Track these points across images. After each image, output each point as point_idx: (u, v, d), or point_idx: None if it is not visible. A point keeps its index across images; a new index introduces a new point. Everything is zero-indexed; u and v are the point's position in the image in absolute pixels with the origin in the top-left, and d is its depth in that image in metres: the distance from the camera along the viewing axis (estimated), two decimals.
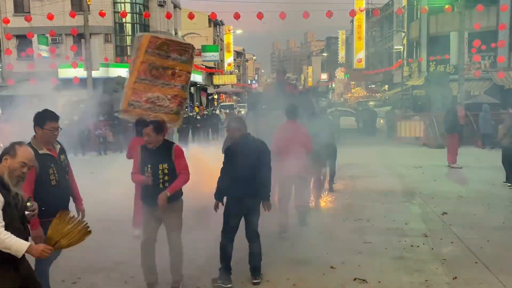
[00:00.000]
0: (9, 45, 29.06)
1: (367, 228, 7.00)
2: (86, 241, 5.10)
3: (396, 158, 14.46)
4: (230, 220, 4.93)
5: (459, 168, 12.27)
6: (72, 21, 23.48)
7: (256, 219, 5.07)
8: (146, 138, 4.63)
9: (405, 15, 36.44)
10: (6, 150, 3.17)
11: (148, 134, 4.61)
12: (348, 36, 65.44)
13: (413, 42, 35.93)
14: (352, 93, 57.62)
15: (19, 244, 3.01)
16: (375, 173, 11.94)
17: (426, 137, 18.33)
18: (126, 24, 33.05)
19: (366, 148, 17.78)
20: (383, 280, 5.03)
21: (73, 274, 5.15)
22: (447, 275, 5.14)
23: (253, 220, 5.03)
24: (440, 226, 7.07)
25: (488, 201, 8.56)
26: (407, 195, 9.30)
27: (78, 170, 4.97)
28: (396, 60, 42.08)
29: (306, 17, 19.25)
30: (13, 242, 2.98)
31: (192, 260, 5.65)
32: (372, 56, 56.27)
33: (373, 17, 50.43)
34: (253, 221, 5.03)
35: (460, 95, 21.02)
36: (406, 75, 35.99)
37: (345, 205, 8.46)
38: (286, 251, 5.98)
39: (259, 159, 4.94)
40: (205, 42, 49.74)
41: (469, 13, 24.38)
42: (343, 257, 5.72)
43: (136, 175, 4.83)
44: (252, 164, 4.84)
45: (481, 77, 25.88)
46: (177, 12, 42.33)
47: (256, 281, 4.98)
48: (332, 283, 4.98)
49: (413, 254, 5.81)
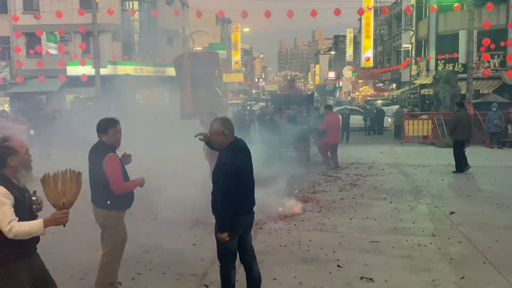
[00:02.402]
0: (18, 42, 29.29)
1: (374, 227, 6.99)
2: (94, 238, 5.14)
3: (403, 157, 14.39)
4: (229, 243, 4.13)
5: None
6: (80, 19, 23.61)
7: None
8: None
9: (414, 13, 36.22)
10: (5, 152, 3.17)
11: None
12: (356, 35, 65.13)
13: (422, 40, 35.72)
14: (360, 92, 57.41)
15: (35, 225, 3.07)
16: (383, 172, 11.90)
17: (434, 136, 18.24)
18: (134, 22, 33.16)
19: (373, 147, 17.75)
20: (390, 279, 5.01)
21: (81, 270, 5.19)
22: (455, 274, 5.12)
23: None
24: (448, 225, 7.04)
25: (497, 200, 8.50)
26: (414, 194, 9.26)
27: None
28: (404, 58, 41.87)
29: (314, 15, 19.22)
30: (30, 226, 3.05)
31: (198, 257, 5.69)
32: (380, 54, 56.03)
33: (381, 15, 50.19)
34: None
35: (468, 94, 20.88)
36: (414, 74, 35.79)
37: (352, 204, 8.45)
38: (293, 250, 5.99)
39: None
40: (212, 40, 49.82)
41: (479, 12, 24.22)
42: (350, 255, 5.72)
43: (130, 182, 4.52)
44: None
45: (490, 76, 25.67)
46: (185, 10, 42.41)
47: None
48: (339, 281, 4.98)
49: (420, 254, 5.79)
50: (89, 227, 6.83)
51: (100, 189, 4.34)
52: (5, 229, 3.00)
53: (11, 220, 3.01)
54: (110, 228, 4.43)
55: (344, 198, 8.92)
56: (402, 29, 40.65)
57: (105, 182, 4.29)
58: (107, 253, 4.45)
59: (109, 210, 4.39)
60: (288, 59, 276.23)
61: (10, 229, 3.00)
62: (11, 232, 3.00)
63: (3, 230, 3.01)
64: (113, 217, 4.42)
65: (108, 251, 4.45)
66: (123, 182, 4.38)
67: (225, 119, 4.26)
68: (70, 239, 5.91)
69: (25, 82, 28.39)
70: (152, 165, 7.95)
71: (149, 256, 5.77)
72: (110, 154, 4.33)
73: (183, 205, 8.18)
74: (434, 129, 18.27)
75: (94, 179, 4.36)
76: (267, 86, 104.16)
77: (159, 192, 8.33)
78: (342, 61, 74.32)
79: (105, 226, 4.46)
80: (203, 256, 5.72)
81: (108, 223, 4.43)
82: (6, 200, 3.04)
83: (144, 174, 4.86)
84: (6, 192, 3.06)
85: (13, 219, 3.02)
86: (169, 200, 8.10)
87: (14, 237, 3.02)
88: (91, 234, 6.34)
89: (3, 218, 3.00)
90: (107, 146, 4.40)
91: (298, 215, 7.63)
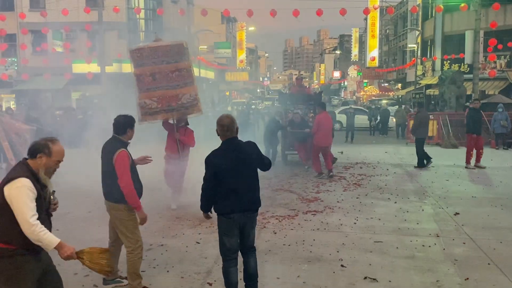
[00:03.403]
0: (25, 40, 29.42)
1: (378, 227, 6.97)
2: (98, 234, 5.15)
3: (408, 157, 14.35)
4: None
5: (472, 169, 12.16)
6: (86, 16, 23.69)
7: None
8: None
9: (420, 13, 36.09)
10: (41, 148, 3.26)
11: None
12: (362, 34, 64.98)
13: (428, 40, 35.60)
14: (365, 92, 57.29)
15: (51, 239, 3.15)
16: (387, 172, 11.88)
17: (439, 136, 18.18)
18: (140, 20, 33.23)
19: (378, 146, 17.71)
20: (394, 279, 5.00)
21: (85, 268, 5.19)
22: (459, 275, 5.10)
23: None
24: (452, 226, 7.02)
25: (502, 201, 8.46)
26: (419, 194, 9.23)
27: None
28: (410, 58, 41.72)
29: (319, 14, 19.19)
30: (46, 236, 3.12)
31: (202, 255, 5.70)
32: (385, 54, 55.86)
33: (387, 15, 50.03)
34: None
35: (474, 94, 20.79)
36: (419, 74, 35.68)
37: (357, 203, 8.44)
38: (297, 249, 5.98)
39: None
40: (217, 39, 49.81)
41: (485, 12, 24.10)
42: (353, 255, 5.71)
43: (135, 196, 4.58)
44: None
45: (497, 76, 25.55)
46: (190, 8, 42.41)
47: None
48: (343, 281, 4.97)
49: (424, 254, 5.77)
50: (93, 223, 6.89)
51: (112, 183, 4.51)
52: (30, 220, 3.06)
53: (33, 214, 3.09)
54: (125, 220, 4.58)
55: (348, 198, 8.91)
56: (408, 29, 40.51)
57: (116, 176, 4.48)
58: (128, 243, 4.61)
59: (120, 203, 4.54)
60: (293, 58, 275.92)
61: (35, 225, 3.07)
62: (34, 229, 3.07)
63: (26, 221, 3.06)
64: (124, 209, 4.57)
65: (129, 242, 4.60)
66: (130, 181, 4.48)
67: (218, 120, 4.34)
68: (74, 236, 5.94)
69: (31, 80, 28.53)
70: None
71: (153, 253, 5.79)
72: (121, 150, 4.51)
73: (187, 203, 8.22)
74: (440, 129, 18.20)
75: (107, 173, 4.57)
76: (272, 85, 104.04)
77: (165, 190, 8.37)
78: (348, 60, 74.24)
79: (118, 218, 4.60)
80: (207, 254, 5.73)
81: (122, 215, 4.58)
82: (30, 194, 3.11)
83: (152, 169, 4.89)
84: (31, 186, 3.14)
85: (34, 214, 3.09)
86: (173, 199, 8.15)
87: (29, 234, 3.07)
88: (95, 231, 6.39)
89: (26, 211, 3.07)
90: (120, 142, 4.63)
91: (302, 214, 7.63)
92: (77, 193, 8.57)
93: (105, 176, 4.64)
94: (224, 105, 31.88)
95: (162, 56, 7.51)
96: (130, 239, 4.60)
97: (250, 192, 4.31)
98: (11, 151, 9.35)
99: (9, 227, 3.10)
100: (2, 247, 3.11)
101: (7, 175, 3.21)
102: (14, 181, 3.11)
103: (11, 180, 3.12)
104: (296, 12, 19.02)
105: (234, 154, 4.25)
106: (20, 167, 3.24)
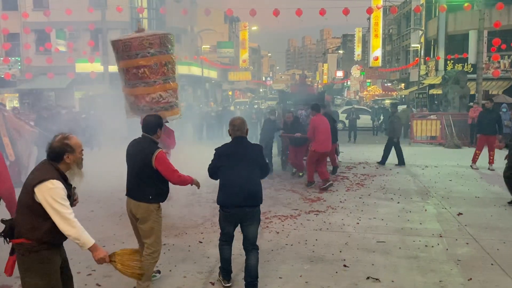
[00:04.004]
0: (28, 39, 29.49)
1: (381, 227, 6.96)
2: (101, 234, 5.15)
3: (411, 157, 14.32)
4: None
5: (476, 169, 12.12)
6: (89, 16, 23.71)
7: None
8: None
9: (423, 13, 36.00)
10: (64, 149, 3.33)
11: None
12: (365, 34, 64.84)
13: (431, 40, 35.50)
14: (368, 91, 57.19)
15: (89, 239, 3.30)
16: (390, 172, 11.86)
17: (442, 136, 18.14)
18: (143, 19, 33.24)
19: (381, 146, 17.64)
20: (397, 279, 4.99)
21: (88, 267, 5.22)
22: (462, 276, 5.08)
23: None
24: (455, 226, 7.00)
25: (505, 202, 8.44)
26: (422, 194, 9.21)
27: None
28: (413, 58, 41.61)
29: (322, 14, 19.17)
30: (85, 235, 3.28)
31: (204, 255, 5.70)
32: (388, 54, 55.75)
33: (390, 14, 49.94)
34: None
35: (478, 94, 20.73)
36: (423, 74, 35.59)
37: (359, 203, 8.42)
38: (300, 249, 5.98)
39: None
40: (220, 39, 49.83)
41: (489, 11, 23.99)
42: (356, 255, 5.70)
43: (186, 176, 4.70)
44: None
45: (500, 76, 25.45)
46: (193, 8, 42.44)
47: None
48: (345, 281, 4.96)
49: (427, 254, 5.76)
50: (96, 222, 6.90)
51: (144, 184, 4.50)
52: (70, 218, 3.18)
53: (71, 212, 3.22)
54: (152, 220, 4.54)
55: (351, 198, 8.90)
56: (411, 29, 40.42)
57: (151, 177, 4.47)
58: (151, 244, 4.56)
59: (151, 203, 4.52)
60: (296, 58, 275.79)
61: (75, 222, 3.21)
62: (75, 226, 3.21)
63: (66, 219, 3.17)
64: (154, 209, 4.55)
65: (153, 242, 4.56)
66: (180, 176, 4.56)
67: (231, 121, 4.73)
68: None
69: (34, 79, 28.59)
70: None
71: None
72: (160, 150, 4.51)
73: (188, 202, 8.23)
74: (443, 129, 18.16)
75: (140, 174, 4.50)
76: (275, 85, 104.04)
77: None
78: (351, 60, 74.11)
79: (146, 219, 4.53)
80: (209, 253, 5.73)
81: (149, 215, 4.53)
82: (64, 194, 3.23)
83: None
84: (63, 186, 3.24)
85: (72, 212, 3.24)
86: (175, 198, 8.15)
87: (69, 231, 3.19)
88: (98, 230, 6.39)
89: (64, 210, 3.18)
90: (154, 142, 4.61)
91: (304, 214, 7.63)
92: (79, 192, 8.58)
93: (136, 177, 4.54)
94: (227, 105, 31.86)
95: (147, 47, 6.71)
96: (155, 242, 4.57)
97: (249, 188, 4.49)
98: (11, 147, 9.33)
99: (37, 225, 3.19)
100: (29, 242, 3.20)
101: (35, 175, 3.25)
102: (45, 182, 3.18)
103: (42, 181, 3.18)
104: (299, 11, 19.01)
105: (240, 150, 4.58)
106: (47, 167, 3.30)
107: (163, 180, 4.53)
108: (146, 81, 6.82)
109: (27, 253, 3.21)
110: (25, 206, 3.23)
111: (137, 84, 6.87)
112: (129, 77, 6.90)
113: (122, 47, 6.78)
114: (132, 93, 6.99)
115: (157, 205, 4.58)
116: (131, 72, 6.84)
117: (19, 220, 3.25)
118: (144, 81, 6.83)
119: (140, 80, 6.83)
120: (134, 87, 6.91)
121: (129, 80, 6.92)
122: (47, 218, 3.18)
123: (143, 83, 6.84)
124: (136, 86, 6.89)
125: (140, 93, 6.89)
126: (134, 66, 6.78)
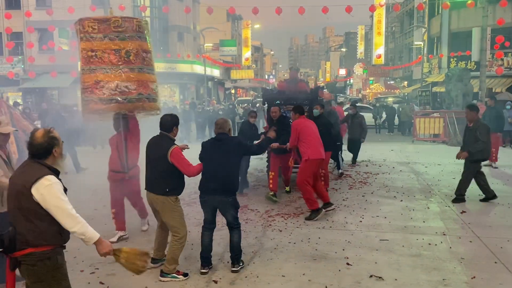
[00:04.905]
0: (31, 38, 29.55)
1: (384, 225, 6.95)
2: (105, 232, 5.14)
3: (414, 155, 14.29)
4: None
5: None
6: (92, 14, 23.68)
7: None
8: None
9: (426, 10, 35.89)
10: (52, 144, 3.21)
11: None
12: (368, 32, 64.75)
13: (434, 38, 35.40)
14: (371, 89, 57.10)
15: (94, 233, 3.22)
16: (393, 170, 11.83)
17: (445, 134, 18.08)
18: (146, 18, 33.27)
19: (384, 144, 17.64)
20: (400, 277, 4.98)
21: (92, 265, 5.23)
22: (466, 274, 5.07)
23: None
24: (459, 224, 6.97)
25: (509, 200, 8.40)
26: (425, 193, 9.19)
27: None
28: (416, 56, 41.51)
29: (325, 12, 19.13)
30: (90, 229, 3.20)
31: None
32: (391, 51, 55.61)
33: (393, 12, 49.77)
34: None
35: (481, 92, 20.66)
36: (426, 72, 35.49)
37: (362, 202, 8.41)
38: (302, 247, 5.97)
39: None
40: (223, 37, 49.84)
41: (493, 9, 23.92)
42: (359, 254, 5.69)
43: (197, 166, 5.13)
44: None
45: (504, 74, 25.36)
46: (196, 6, 42.45)
47: (234, 269, 5.17)
48: (348, 279, 4.95)
49: (430, 252, 5.74)
50: (99, 221, 6.90)
51: (161, 178, 4.92)
52: (72, 213, 3.09)
53: (72, 208, 3.12)
54: (171, 210, 4.94)
55: (354, 196, 8.88)
56: (414, 26, 40.30)
57: (168, 171, 4.89)
58: (176, 231, 4.96)
59: (168, 196, 4.92)
60: (298, 56, 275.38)
61: (78, 217, 3.13)
62: (78, 221, 3.12)
63: (69, 215, 3.08)
64: (172, 201, 4.95)
65: (177, 229, 4.95)
66: (194, 167, 5.02)
67: (216, 121, 5.33)
68: None
69: (37, 78, 28.66)
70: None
71: None
72: (175, 146, 4.94)
73: (192, 201, 8.22)
74: (446, 127, 18.10)
75: (158, 168, 4.96)
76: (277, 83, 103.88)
77: None
78: (353, 58, 74.02)
79: (165, 210, 4.95)
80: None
81: (167, 207, 4.93)
82: (61, 189, 3.12)
83: None
84: (59, 181, 3.14)
85: (72, 207, 3.14)
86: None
87: (73, 227, 3.10)
88: (101, 229, 6.38)
89: (65, 206, 3.09)
90: (170, 139, 5.07)
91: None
92: (82, 190, 8.61)
93: (154, 171, 4.99)
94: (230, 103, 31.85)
95: (115, 30, 5.93)
96: (180, 228, 4.95)
97: (223, 179, 5.01)
98: (15, 145, 9.36)
99: (43, 230, 3.06)
100: (41, 250, 3.06)
101: (26, 177, 3.09)
102: (41, 180, 3.04)
103: (37, 180, 3.03)
104: (302, 9, 18.96)
105: (218, 144, 5.15)
106: (38, 166, 3.14)
107: (179, 174, 4.95)
108: (130, 66, 6.03)
109: (39, 262, 3.04)
110: (25, 212, 3.04)
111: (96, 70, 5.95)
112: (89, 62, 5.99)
113: (86, 27, 5.97)
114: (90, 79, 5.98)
115: (174, 198, 4.97)
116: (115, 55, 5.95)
117: (21, 229, 3.05)
118: (127, 67, 6.01)
119: (124, 64, 5.99)
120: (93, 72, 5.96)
121: (100, 64, 5.95)
122: (52, 218, 3.05)
123: (126, 68, 5.99)
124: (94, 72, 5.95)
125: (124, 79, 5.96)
126: (101, 49, 5.92)
